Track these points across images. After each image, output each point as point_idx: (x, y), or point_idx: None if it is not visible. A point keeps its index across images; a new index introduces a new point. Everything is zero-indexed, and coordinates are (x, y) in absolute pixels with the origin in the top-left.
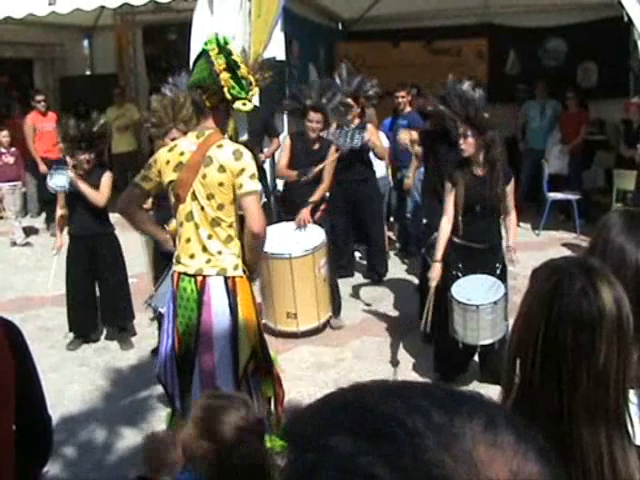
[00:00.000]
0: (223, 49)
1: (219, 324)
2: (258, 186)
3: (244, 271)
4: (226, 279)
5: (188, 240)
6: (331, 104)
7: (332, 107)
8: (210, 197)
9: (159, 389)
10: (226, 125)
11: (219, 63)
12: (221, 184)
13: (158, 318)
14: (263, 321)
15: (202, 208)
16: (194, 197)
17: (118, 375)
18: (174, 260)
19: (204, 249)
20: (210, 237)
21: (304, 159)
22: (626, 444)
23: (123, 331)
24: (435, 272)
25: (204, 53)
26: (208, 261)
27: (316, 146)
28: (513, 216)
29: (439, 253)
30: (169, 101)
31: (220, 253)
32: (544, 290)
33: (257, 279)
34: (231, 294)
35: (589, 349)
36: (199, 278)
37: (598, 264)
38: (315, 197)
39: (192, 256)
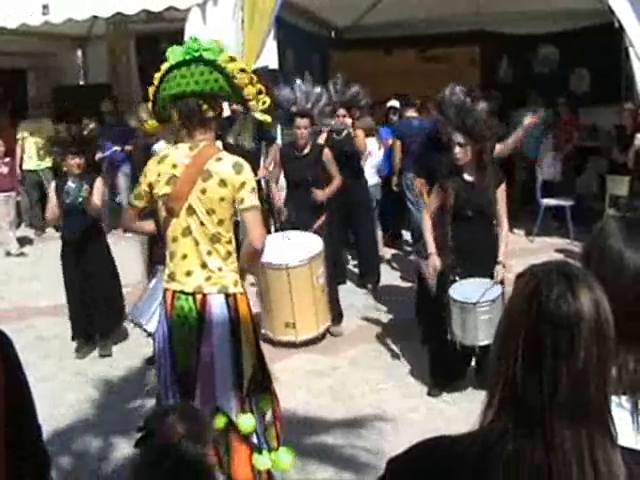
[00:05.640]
0: (237, 62)
1: (221, 345)
2: (257, 201)
3: (242, 287)
4: (227, 297)
5: (184, 256)
6: (317, 108)
7: (318, 111)
8: (210, 212)
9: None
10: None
11: (242, 78)
12: (222, 199)
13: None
14: (262, 331)
15: (202, 224)
16: (191, 212)
17: (113, 384)
18: (165, 277)
19: (203, 265)
20: (210, 253)
21: (295, 166)
22: (608, 446)
23: (104, 338)
24: (433, 262)
25: (202, 61)
26: (208, 278)
27: (305, 151)
28: (505, 229)
29: (430, 245)
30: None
31: (220, 270)
32: (524, 294)
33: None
34: (233, 314)
35: (568, 351)
36: (198, 296)
37: (578, 269)
38: (325, 193)
39: (189, 273)
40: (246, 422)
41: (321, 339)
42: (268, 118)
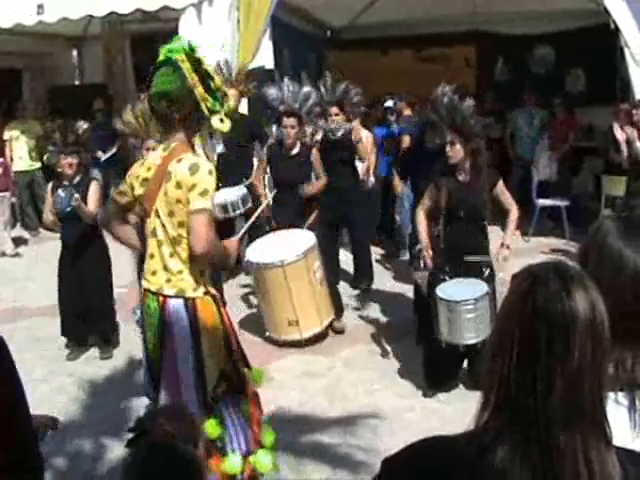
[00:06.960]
0: (192, 58)
1: (181, 350)
2: (208, 203)
3: (206, 292)
4: (186, 301)
5: (152, 256)
6: (305, 107)
7: (306, 110)
8: (171, 214)
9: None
10: (193, 137)
11: (192, 77)
12: (178, 201)
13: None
14: (267, 333)
15: (163, 226)
16: (157, 214)
17: (107, 385)
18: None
19: (165, 267)
20: (172, 255)
21: (282, 166)
22: (603, 446)
23: (106, 341)
24: (426, 254)
25: (169, 62)
26: (168, 280)
27: (294, 151)
28: (514, 211)
29: (423, 239)
30: (141, 112)
31: (180, 272)
32: (518, 293)
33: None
34: (192, 319)
35: (563, 351)
36: (161, 298)
37: (574, 269)
38: (313, 188)
39: (154, 273)
40: (211, 428)
41: (326, 335)
42: (224, 127)
